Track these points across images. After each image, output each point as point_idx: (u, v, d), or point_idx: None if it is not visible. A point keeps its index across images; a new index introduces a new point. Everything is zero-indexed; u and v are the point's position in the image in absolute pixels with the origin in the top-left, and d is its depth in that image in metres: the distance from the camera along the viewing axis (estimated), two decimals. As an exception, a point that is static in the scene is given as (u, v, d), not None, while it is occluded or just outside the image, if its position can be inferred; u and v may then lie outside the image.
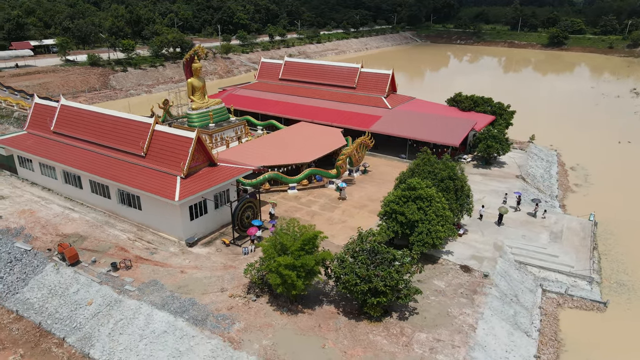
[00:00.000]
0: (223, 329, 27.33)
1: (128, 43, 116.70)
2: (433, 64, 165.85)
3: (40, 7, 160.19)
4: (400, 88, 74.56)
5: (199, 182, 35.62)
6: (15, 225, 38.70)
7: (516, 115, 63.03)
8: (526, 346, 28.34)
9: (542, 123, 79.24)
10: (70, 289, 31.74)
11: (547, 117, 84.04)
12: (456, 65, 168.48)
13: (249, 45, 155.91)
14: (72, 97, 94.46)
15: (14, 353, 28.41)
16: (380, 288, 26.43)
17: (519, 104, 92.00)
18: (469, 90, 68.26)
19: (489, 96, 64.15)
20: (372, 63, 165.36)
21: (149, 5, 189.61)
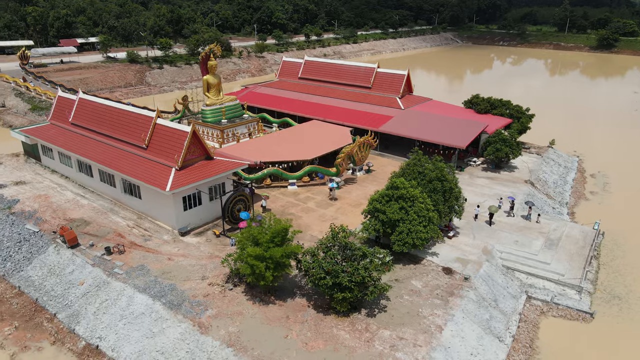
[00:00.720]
0: (195, 314, 28.58)
1: (165, 41, 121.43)
2: (472, 66, 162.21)
3: (91, 7, 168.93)
4: (434, 90, 74.06)
5: (193, 174, 37.14)
6: (30, 209, 41.70)
7: (544, 119, 61.38)
8: (495, 351, 27.95)
9: (571, 128, 76.58)
10: (67, 269, 34.02)
11: (579, 122, 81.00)
12: (497, 67, 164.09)
13: (284, 44, 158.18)
14: (109, 92, 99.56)
15: (10, 325, 30.85)
16: (345, 283, 26.85)
17: (553, 108, 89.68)
18: (504, 93, 66.92)
19: (525, 99, 62.49)
20: (407, 64, 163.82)
21: (192, 5, 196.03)
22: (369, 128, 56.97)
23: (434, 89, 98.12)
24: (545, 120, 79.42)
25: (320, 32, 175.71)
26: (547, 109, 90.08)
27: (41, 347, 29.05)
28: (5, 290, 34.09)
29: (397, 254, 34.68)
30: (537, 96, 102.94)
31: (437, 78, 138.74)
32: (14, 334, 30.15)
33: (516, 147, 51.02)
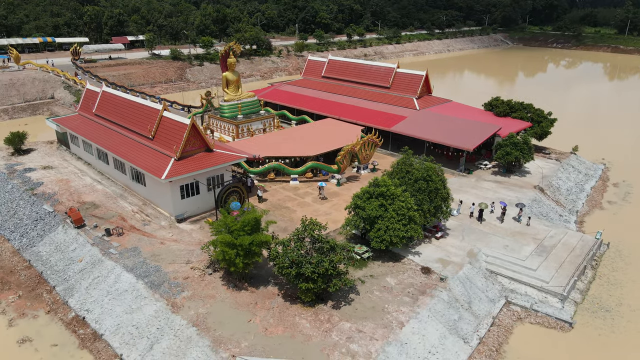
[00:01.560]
0: (171, 295, 30.45)
1: (207, 39, 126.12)
2: (520, 68, 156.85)
3: (145, 6, 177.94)
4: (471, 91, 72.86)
5: (191, 165, 39.21)
6: (50, 191, 45.43)
7: (577, 125, 59.04)
8: (457, 351, 27.91)
9: (608, 135, 72.96)
10: (70, 247, 37.00)
11: (619, 130, 76.84)
12: (547, 69, 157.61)
13: (324, 44, 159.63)
14: (150, 87, 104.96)
15: (15, 293, 34.07)
16: (307, 274, 27.75)
17: (596, 114, 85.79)
18: (549, 97, 64.95)
19: (569, 104, 60.50)
20: (449, 65, 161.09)
21: (240, 4, 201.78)
22: (381, 127, 57.26)
23: (471, 91, 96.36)
24: (581, 126, 76.46)
25: (362, 32, 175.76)
26: (589, 115, 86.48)
27: (37, 315, 31.94)
28: (17, 263, 37.56)
29: (380, 251, 35.10)
30: (584, 101, 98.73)
31: (478, 80, 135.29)
32: (17, 302, 33.28)
33: (528, 151, 49.63)
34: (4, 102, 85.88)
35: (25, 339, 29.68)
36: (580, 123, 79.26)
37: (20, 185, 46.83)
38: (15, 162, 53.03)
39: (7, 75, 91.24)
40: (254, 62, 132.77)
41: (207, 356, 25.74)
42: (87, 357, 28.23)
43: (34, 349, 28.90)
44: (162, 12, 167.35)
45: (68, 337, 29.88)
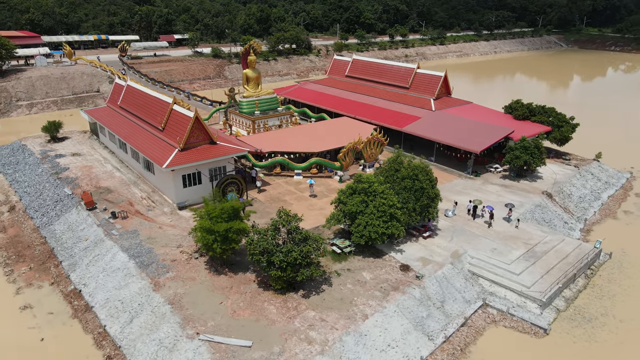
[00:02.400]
0: (156, 275, 32.65)
1: (247, 38, 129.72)
2: (572, 72, 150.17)
3: (195, 6, 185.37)
4: (512, 95, 71.22)
5: (193, 155, 41.46)
6: (73, 176, 49.30)
7: (615, 132, 56.45)
8: (418, 347, 28.25)
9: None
10: (79, 227, 40.24)
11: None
12: (602, 73, 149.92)
13: (365, 44, 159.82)
14: (189, 83, 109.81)
15: (27, 265, 37.60)
16: (276, 262, 29.02)
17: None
18: (596, 103, 62.43)
19: (612, 109, 58.08)
20: (494, 67, 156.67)
21: (286, 5, 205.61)
22: (393, 127, 57.51)
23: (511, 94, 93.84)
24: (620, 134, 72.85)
25: (405, 33, 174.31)
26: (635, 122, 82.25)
27: (42, 285, 35.16)
28: (35, 239, 41.27)
29: (363, 247, 35.76)
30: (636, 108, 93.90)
31: (521, 83, 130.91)
32: (27, 273, 36.73)
33: (539, 155, 48.33)
34: (54, 94, 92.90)
35: (27, 306, 32.82)
36: (621, 131, 75.40)
37: (49, 169, 51.10)
38: (50, 148, 57.75)
39: (59, 70, 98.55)
40: (292, 60, 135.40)
41: (175, 332, 27.61)
42: (77, 326, 30.89)
43: (33, 315, 31.93)
44: (211, 12, 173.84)
45: (64, 307, 32.76)
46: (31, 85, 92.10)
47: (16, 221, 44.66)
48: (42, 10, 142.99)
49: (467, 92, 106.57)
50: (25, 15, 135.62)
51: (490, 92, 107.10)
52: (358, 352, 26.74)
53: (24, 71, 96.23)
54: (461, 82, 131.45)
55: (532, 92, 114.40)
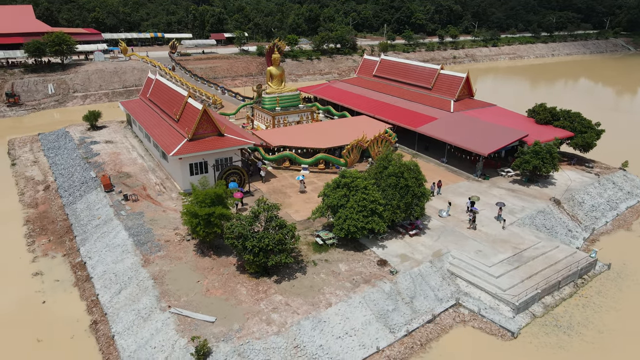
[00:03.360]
0: (148, 253, 35.49)
1: (292, 37, 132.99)
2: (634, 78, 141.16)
3: (250, 5, 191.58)
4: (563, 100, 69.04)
5: (199, 146, 44.20)
6: (101, 161, 53.76)
7: None
8: (377, 338, 29.06)
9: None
10: (96, 207, 44.13)
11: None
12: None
13: (412, 45, 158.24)
14: (231, 79, 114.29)
15: (47, 237, 41.86)
16: (249, 247, 30.84)
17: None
18: None
19: None
20: (548, 71, 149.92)
21: (338, 4, 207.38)
22: (408, 127, 57.69)
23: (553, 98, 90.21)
24: None
25: (456, 34, 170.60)
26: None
27: (55, 256, 39.12)
28: (59, 215, 45.69)
29: (347, 240, 36.77)
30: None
31: (572, 87, 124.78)
32: (46, 244, 40.94)
33: (550, 160, 46.91)
34: (107, 87, 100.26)
35: (39, 272, 36.75)
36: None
37: (82, 154, 56.00)
38: (87, 135, 63.05)
39: (113, 65, 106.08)
40: (335, 60, 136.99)
41: (151, 304, 30.15)
42: (75, 293, 34.32)
43: (41, 281, 35.75)
44: (263, 11, 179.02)
45: (69, 276, 36.39)
46: (87, 79, 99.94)
47: (48, 199, 49.50)
48: (107, 9, 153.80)
49: (506, 95, 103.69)
50: (92, 13, 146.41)
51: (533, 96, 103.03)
52: (314, 336, 27.98)
53: (83, 65, 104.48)
54: (505, 85, 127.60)
55: (582, 96, 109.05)
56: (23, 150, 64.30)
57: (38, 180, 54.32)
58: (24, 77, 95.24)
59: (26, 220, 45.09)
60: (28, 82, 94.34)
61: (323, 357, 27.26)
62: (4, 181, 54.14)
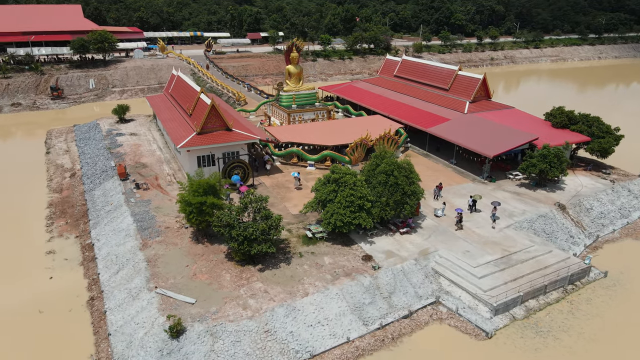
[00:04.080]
0: (148, 237, 37.78)
1: (325, 37, 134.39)
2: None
3: (289, 5, 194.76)
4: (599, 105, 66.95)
5: (207, 139, 46.30)
6: (122, 152, 57.09)
7: None
8: (349, 329, 29.90)
9: None
10: (110, 194, 47.13)
11: None
12: None
13: (449, 46, 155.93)
14: (262, 77, 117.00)
15: (65, 220, 45.17)
16: (234, 235, 32.40)
17: None
18: None
19: None
20: (592, 74, 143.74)
21: (377, 5, 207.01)
22: (419, 127, 57.79)
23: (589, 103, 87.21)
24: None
25: (496, 35, 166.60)
26: None
27: (69, 237, 42.22)
28: (79, 200, 49.05)
29: (337, 234, 37.73)
30: None
31: (614, 91, 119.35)
32: (63, 226, 44.21)
33: (558, 165, 45.88)
34: (143, 83, 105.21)
35: (52, 251, 39.85)
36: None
37: (108, 145, 59.63)
38: (115, 128, 66.91)
39: (150, 62, 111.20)
40: (367, 60, 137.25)
41: (141, 284, 32.28)
42: (80, 272, 37.06)
43: (52, 259, 38.78)
44: (302, 11, 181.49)
45: (77, 255, 39.27)
46: (125, 75, 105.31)
47: (72, 185, 53.16)
48: (152, 9, 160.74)
49: (539, 97, 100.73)
50: (137, 13, 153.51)
51: (567, 99, 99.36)
52: (285, 323, 29.18)
53: (122, 62, 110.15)
54: (541, 88, 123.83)
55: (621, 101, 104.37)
56: (58, 140, 68.97)
57: (67, 168, 58.30)
58: (68, 72, 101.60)
59: (49, 204, 48.69)
60: (72, 77, 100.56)
61: (292, 343, 28.42)
62: (37, 168, 58.44)
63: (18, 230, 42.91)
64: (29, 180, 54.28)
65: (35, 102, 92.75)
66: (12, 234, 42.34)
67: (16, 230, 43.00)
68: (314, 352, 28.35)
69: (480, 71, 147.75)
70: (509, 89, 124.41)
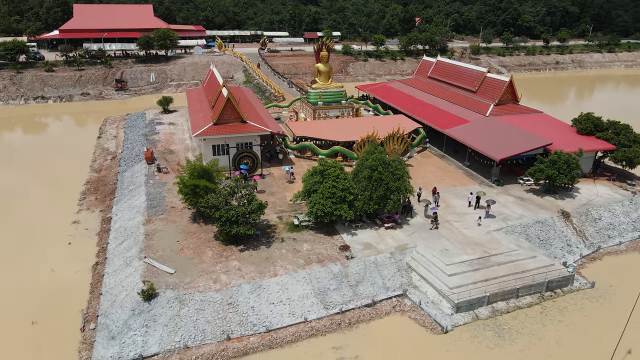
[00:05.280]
0: (154, 214, 41.85)
1: (379, 38, 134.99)
2: None
3: (353, 6, 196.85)
4: None
5: (221, 130, 49.86)
6: (157, 139, 62.42)
7: None
8: (309, 310, 31.80)
9: None
10: (136, 175, 52.14)
11: None
12: None
13: (511, 48, 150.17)
14: (311, 75, 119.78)
15: (95, 196, 50.72)
16: (217, 216, 35.38)
17: None
18: None
19: None
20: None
21: (441, 5, 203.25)
22: (437, 128, 57.84)
23: None
24: None
25: (565, 37, 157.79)
26: None
27: (94, 211, 47.54)
28: (112, 180, 54.61)
29: (323, 224, 39.58)
30: None
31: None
32: (92, 201, 49.73)
33: (567, 172, 44.38)
34: (198, 78, 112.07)
35: (77, 221, 45.21)
36: None
37: (147, 132, 65.40)
38: (157, 117, 72.90)
39: (207, 58, 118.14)
40: (419, 61, 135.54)
41: (134, 254, 36.21)
42: (94, 241, 41.86)
43: (75, 227, 44.04)
44: (363, 12, 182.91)
45: (96, 226, 44.28)
46: (183, 70, 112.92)
47: (110, 166, 59.16)
48: (218, 8, 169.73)
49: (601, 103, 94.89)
50: (204, 12, 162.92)
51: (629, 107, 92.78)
52: (249, 298, 31.65)
53: (182, 58, 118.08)
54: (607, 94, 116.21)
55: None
56: (111, 127, 76.28)
57: (110, 151, 64.72)
58: (133, 67, 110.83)
59: (87, 181, 54.72)
60: (135, 70, 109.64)
61: (251, 316, 30.82)
62: (85, 150, 65.37)
63: (55, 201, 48.84)
64: (76, 160, 60.99)
65: (101, 92, 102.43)
66: (49, 204, 48.32)
67: (53, 201, 48.96)
68: (270, 327, 30.55)
69: (543, 75, 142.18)
70: (572, 94, 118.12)
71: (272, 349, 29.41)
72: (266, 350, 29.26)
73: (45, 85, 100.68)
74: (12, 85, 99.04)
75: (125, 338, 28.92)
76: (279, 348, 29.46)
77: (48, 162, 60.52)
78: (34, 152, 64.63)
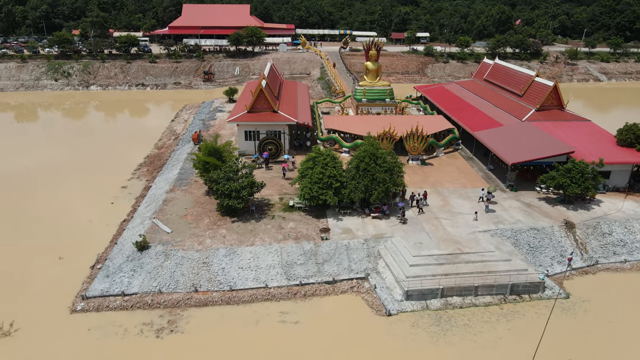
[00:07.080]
0: (177, 186, 48.32)
1: (463, 39, 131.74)
2: None
3: (451, 6, 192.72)
4: None
5: (252, 117, 55.10)
6: (212, 124, 69.90)
7: None
8: (272, 278, 35.43)
9: None
10: (183, 152, 59.56)
11: None
12: None
13: (617, 54, 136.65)
14: (386, 75, 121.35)
15: (147, 168, 59.05)
16: (214, 189, 40.48)
17: None
18: None
19: None
20: None
21: (550, 7, 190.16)
22: (468, 129, 57.40)
23: None
24: None
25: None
26: None
27: (142, 179, 55.45)
28: (166, 155, 62.67)
29: (315, 207, 42.82)
30: None
31: None
32: (143, 172, 57.89)
33: (581, 182, 42.30)
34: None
35: (125, 186, 53.47)
36: None
37: (206, 118, 73.39)
38: (221, 106, 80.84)
39: (288, 55, 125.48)
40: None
41: (148, 216, 42.72)
42: (131, 203, 49.48)
43: (121, 191, 52.26)
44: (460, 12, 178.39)
45: (138, 192, 51.98)
46: (264, 65, 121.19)
47: (170, 145, 67.78)
48: (314, 8, 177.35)
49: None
50: (298, 12, 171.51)
51: None
52: (221, 260, 36.21)
53: (266, 54, 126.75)
54: None
55: None
56: (185, 112, 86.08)
57: (177, 133, 73.72)
58: (222, 61, 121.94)
59: (147, 156, 63.60)
60: (223, 64, 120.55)
61: (220, 276, 35.34)
62: (156, 131, 75.10)
63: (114, 170, 57.78)
64: (147, 137, 70.66)
65: (191, 82, 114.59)
66: (109, 172, 57.37)
67: (114, 170, 57.97)
68: (233, 287, 34.78)
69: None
70: None
71: (229, 304, 33.61)
72: (223, 305, 33.55)
73: (147, 74, 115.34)
74: (121, 73, 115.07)
75: (115, 277, 35.18)
76: (234, 305, 33.58)
77: (125, 136, 71.14)
78: (119, 128, 76.27)
